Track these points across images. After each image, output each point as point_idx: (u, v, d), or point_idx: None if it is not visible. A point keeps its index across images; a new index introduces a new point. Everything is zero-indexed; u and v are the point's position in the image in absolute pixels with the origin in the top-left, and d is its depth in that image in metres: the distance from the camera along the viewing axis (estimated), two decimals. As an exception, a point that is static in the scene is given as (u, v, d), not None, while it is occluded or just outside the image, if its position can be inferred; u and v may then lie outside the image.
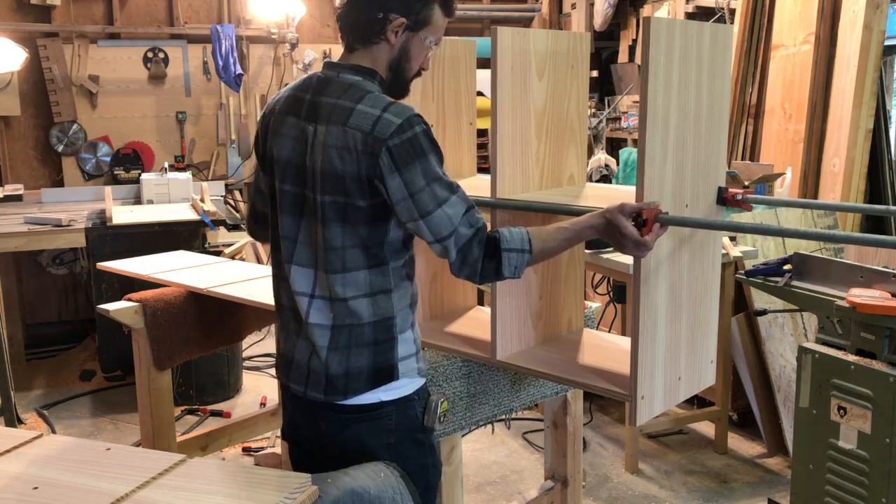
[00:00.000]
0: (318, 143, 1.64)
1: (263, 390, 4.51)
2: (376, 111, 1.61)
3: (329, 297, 1.68)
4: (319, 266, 1.69)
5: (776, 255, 3.53)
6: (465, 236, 1.62)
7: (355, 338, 1.69)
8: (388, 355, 1.72)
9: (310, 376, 1.73)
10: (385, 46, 1.70)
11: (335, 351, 1.69)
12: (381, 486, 1.60)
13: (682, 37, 1.76)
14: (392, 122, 1.59)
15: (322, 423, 1.73)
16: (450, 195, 1.62)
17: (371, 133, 1.59)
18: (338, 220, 1.64)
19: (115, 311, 2.64)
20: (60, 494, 1.47)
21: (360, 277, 1.67)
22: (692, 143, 1.85)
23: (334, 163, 1.61)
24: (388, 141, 1.58)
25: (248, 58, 5.93)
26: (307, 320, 1.71)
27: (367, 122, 1.60)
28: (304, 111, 1.70)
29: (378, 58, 1.71)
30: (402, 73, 1.75)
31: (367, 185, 1.61)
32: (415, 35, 1.71)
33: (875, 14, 3.93)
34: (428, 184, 1.59)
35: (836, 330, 2.50)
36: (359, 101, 1.63)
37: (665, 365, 1.89)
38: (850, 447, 2.39)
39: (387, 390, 1.72)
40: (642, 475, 3.53)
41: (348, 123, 1.61)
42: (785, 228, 3.60)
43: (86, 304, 5.57)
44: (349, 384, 1.70)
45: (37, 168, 5.65)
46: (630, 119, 5.61)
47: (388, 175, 1.59)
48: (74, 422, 4.22)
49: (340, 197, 1.63)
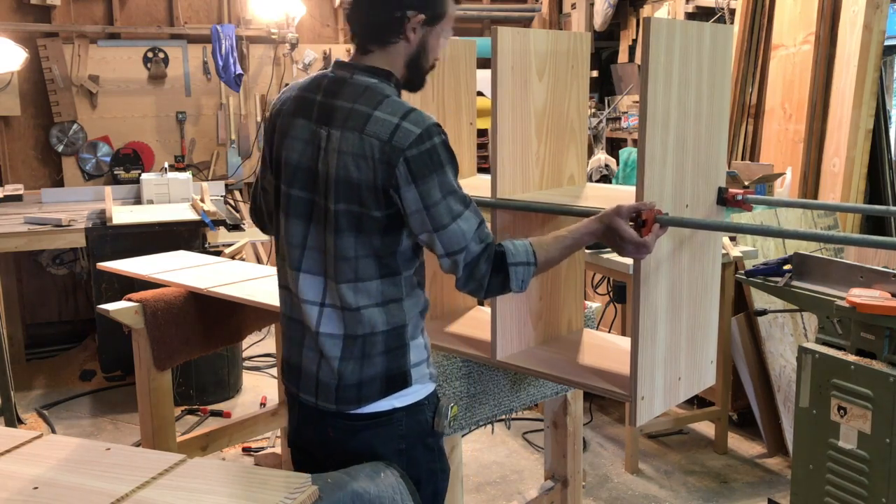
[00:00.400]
0: (333, 149, 1.60)
1: (263, 390, 4.51)
2: (395, 119, 1.56)
3: (340, 307, 1.65)
4: (329, 275, 1.65)
5: (776, 255, 3.53)
6: (474, 252, 1.60)
7: (368, 347, 1.66)
8: (400, 362, 1.69)
9: (319, 387, 1.70)
10: (403, 44, 1.66)
11: (348, 361, 1.66)
12: (380, 486, 1.60)
13: (682, 37, 1.76)
14: (411, 132, 1.55)
15: (330, 429, 1.71)
16: (464, 209, 1.59)
17: (389, 142, 1.55)
18: (351, 230, 1.61)
19: (115, 311, 2.64)
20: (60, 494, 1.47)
21: (372, 287, 1.64)
22: (692, 143, 1.85)
23: (350, 170, 1.58)
24: (406, 151, 1.54)
25: (248, 58, 5.93)
26: (318, 330, 1.67)
27: (385, 129, 1.56)
28: (315, 113, 1.65)
29: (395, 57, 1.67)
30: (420, 68, 1.71)
31: (383, 194, 1.57)
32: (432, 29, 1.68)
33: (875, 14, 3.93)
34: (444, 197, 1.57)
35: (836, 330, 2.50)
36: (376, 107, 1.58)
37: (665, 365, 1.89)
38: (850, 447, 2.39)
39: (399, 397, 1.70)
40: (642, 475, 3.53)
41: (365, 130, 1.57)
42: (785, 229, 3.60)
43: (86, 304, 5.57)
44: (362, 393, 1.67)
45: (37, 168, 5.65)
46: (630, 119, 5.61)
47: (405, 186, 1.55)
48: (74, 422, 4.22)
49: (355, 206, 1.59)
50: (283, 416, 3.29)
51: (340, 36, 6.26)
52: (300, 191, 1.67)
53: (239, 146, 6.02)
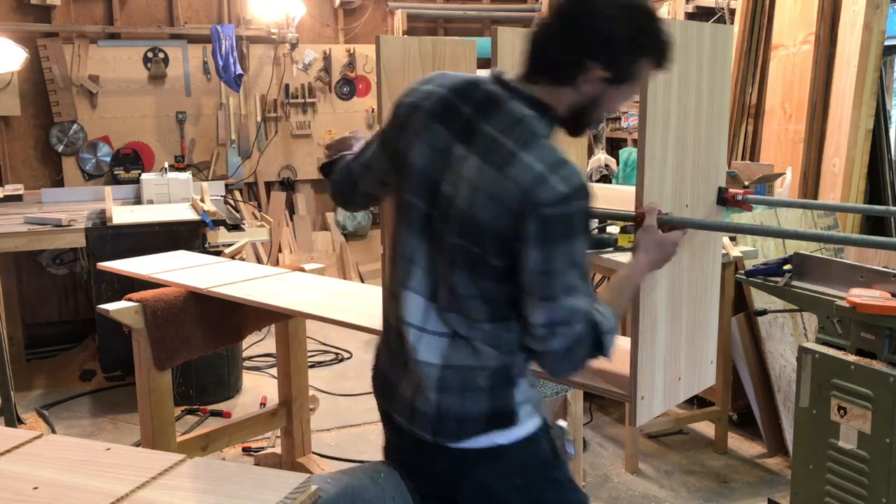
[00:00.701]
0: (465, 176, 1.46)
1: (263, 390, 4.51)
2: (541, 167, 1.41)
3: (448, 335, 1.55)
4: (437, 301, 1.55)
5: (776, 255, 3.53)
6: (578, 333, 1.47)
7: (471, 381, 1.55)
8: (507, 400, 1.57)
9: (415, 413, 1.60)
10: (572, 90, 1.49)
11: (446, 393, 1.55)
12: (380, 486, 1.60)
13: (682, 37, 1.76)
14: (557, 190, 1.39)
15: (436, 464, 1.61)
16: (581, 284, 1.46)
17: (530, 191, 1.40)
18: (464, 269, 1.50)
19: (115, 311, 2.64)
20: (60, 494, 1.47)
21: (485, 327, 1.54)
22: (692, 143, 1.85)
23: (478, 210, 1.44)
24: (545, 208, 1.39)
25: (248, 58, 5.93)
26: (416, 357, 1.57)
27: (528, 177, 1.41)
28: (459, 126, 1.51)
29: (561, 98, 1.50)
30: (583, 120, 1.54)
31: (507, 244, 1.45)
32: (613, 88, 1.49)
33: (875, 14, 3.93)
34: (568, 268, 1.44)
35: (836, 330, 2.50)
36: (524, 147, 1.43)
37: (665, 365, 1.89)
38: (850, 447, 2.39)
39: (503, 434, 1.57)
40: (642, 475, 3.52)
41: (507, 172, 1.42)
42: (785, 229, 3.60)
43: (86, 304, 5.57)
44: (462, 428, 1.56)
45: (37, 168, 5.65)
46: (630, 119, 5.61)
47: (531, 243, 1.42)
48: (74, 422, 4.21)
49: (475, 247, 1.47)
50: (283, 416, 3.29)
51: (340, 36, 6.26)
52: (420, 202, 1.54)
53: (239, 146, 6.02)
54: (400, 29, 6.08)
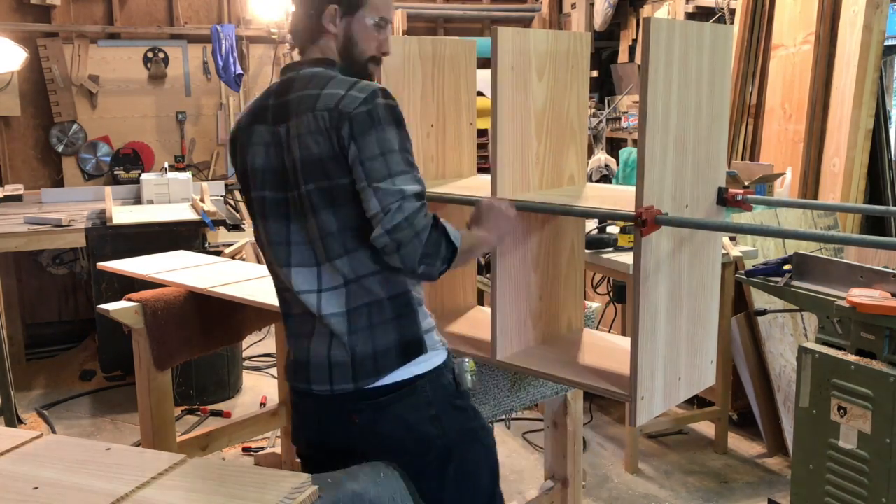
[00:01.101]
0: (293, 137, 1.64)
1: (263, 390, 4.51)
2: (342, 90, 1.61)
3: (342, 284, 1.67)
4: (321, 259, 1.67)
5: (776, 255, 3.53)
6: (412, 206, 1.57)
7: (376, 315, 1.68)
8: (413, 329, 1.71)
9: (333, 369, 1.69)
10: (329, 39, 1.72)
11: (357, 333, 1.67)
12: (381, 486, 1.60)
13: (682, 37, 1.76)
14: (356, 97, 1.60)
15: (355, 415, 1.70)
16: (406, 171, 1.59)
17: (336, 108, 1.59)
18: (327, 205, 1.63)
19: (115, 311, 2.64)
20: (60, 494, 1.47)
21: (364, 257, 1.65)
22: (692, 143, 1.85)
23: (311, 148, 1.61)
24: (351, 113, 1.58)
25: (248, 58, 5.93)
26: (320, 314, 1.68)
27: (332, 100, 1.61)
28: (271, 116, 1.70)
29: (329, 50, 1.73)
30: (354, 60, 1.74)
31: (343, 160, 1.60)
32: (353, 18, 1.71)
33: (875, 14, 3.93)
34: (382, 154, 1.58)
35: (836, 330, 2.50)
36: (324, 87, 1.64)
37: (665, 365, 1.89)
38: (850, 447, 2.39)
39: (418, 363, 1.70)
40: (642, 475, 3.53)
41: (316, 108, 1.61)
42: (785, 229, 3.60)
43: (86, 304, 5.57)
44: (378, 363, 1.68)
45: (37, 168, 5.65)
46: (630, 119, 5.61)
47: (349, 145, 1.58)
48: (74, 422, 4.22)
49: (323, 181, 1.62)
50: (283, 416, 3.29)
51: (340, 36, 6.26)
52: (271, 192, 1.70)
53: (239, 146, 6.01)
54: (400, 29, 6.08)
